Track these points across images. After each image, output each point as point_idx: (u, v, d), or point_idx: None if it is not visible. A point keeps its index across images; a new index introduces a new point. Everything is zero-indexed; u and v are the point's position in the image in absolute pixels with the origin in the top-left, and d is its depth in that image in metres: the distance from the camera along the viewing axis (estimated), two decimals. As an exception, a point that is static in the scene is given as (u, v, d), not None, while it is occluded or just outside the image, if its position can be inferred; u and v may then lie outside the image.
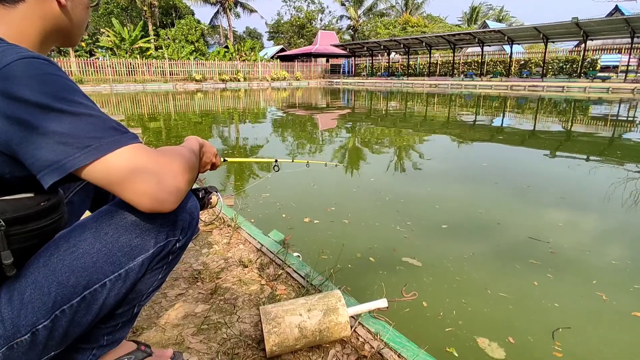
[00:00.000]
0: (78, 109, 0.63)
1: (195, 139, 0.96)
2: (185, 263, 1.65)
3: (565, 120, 8.98)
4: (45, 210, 0.69)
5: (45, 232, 0.72)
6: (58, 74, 0.63)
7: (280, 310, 1.12)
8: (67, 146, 0.61)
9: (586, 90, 17.22)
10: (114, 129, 0.66)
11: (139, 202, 0.66)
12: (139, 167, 0.64)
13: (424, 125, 8.54)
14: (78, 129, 0.62)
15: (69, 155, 0.61)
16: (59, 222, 0.74)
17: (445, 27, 40.17)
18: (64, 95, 0.62)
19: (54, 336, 0.71)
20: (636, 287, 1.98)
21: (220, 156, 1.13)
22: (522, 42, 24.77)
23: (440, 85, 23.20)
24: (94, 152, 0.62)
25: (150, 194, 0.66)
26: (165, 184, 0.67)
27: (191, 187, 0.79)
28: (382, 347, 1.12)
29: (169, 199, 0.68)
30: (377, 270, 2.13)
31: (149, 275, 0.82)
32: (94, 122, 0.64)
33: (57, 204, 0.73)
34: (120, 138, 0.65)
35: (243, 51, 30.37)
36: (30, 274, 0.69)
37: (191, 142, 0.93)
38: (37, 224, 0.69)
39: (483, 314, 1.76)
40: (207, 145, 1.03)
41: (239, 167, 4.71)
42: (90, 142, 0.62)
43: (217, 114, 10.92)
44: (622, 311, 1.80)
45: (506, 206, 3.31)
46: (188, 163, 0.75)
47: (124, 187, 0.64)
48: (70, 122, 0.61)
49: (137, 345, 1.01)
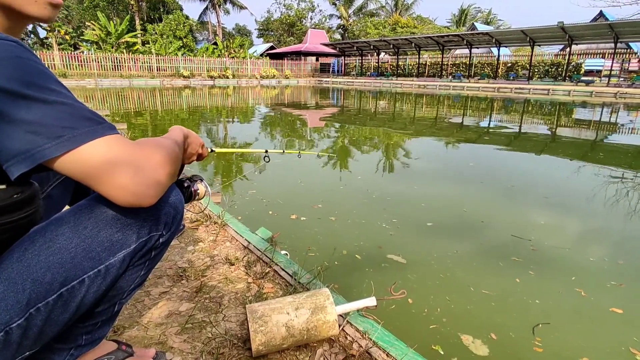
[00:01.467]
0: (50, 97, 0.59)
1: (179, 129, 0.93)
2: (169, 260, 1.61)
3: (550, 123, 9.13)
4: (18, 202, 0.65)
5: (19, 226, 0.67)
6: (29, 58, 0.59)
7: (267, 308, 1.09)
8: (37, 136, 0.57)
9: (571, 94, 17.55)
10: (89, 119, 0.62)
11: (116, 197, 0.63)
12: (115, 159, 0.61)
13: (412, 125, 8.58)
14: (49, 118, 0.58)
15: (38, 145, 0.57)
16: (33, 215, 0.70)
17: (434, 28, 40.50)
18: (35, 81, 0.58)
19: (28, 335, 0.68)
20: (613, 284, 2.03)
21: (207, 147, 1.11)
22: (509, 45, 25.13)
23: (428, 85, 23.38)
24: (67, 143, 0.58)
25: (127, 188, 0.62)
26: (144, 177, 0.64)
27: (174, 180, 0.76)
28: (371, 346, 1.10)
29: (148, 193, 0.65)
30: (364, 268, 2.12)
31: (131, 272, 0.79)
32: (67, 111, 0.60)
33: (31, 196, 0.68)
34: (96, 129, 0.61)
35: (232, 48, 30.10)
36: (3, 270, 0.65)
37: (175, 132, 0.90)
38: (10, 217, 0.64)
39: (466, 311, 1.78)
40: (193, 136, 1.00)
41: (227, 163, 4.65)
42: (62, 132, 0.58)
43: (205, 110, 10.80)
44: (600, 307, 1.85)
45: (490, 205, 3.35)
46: (170, 155, 0.71)
47: (100, 180, 0.61)
48: (41, 110, 0.57)
49: (117, 345, 0.98)
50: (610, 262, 2.29)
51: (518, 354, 1.52)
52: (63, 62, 22.02)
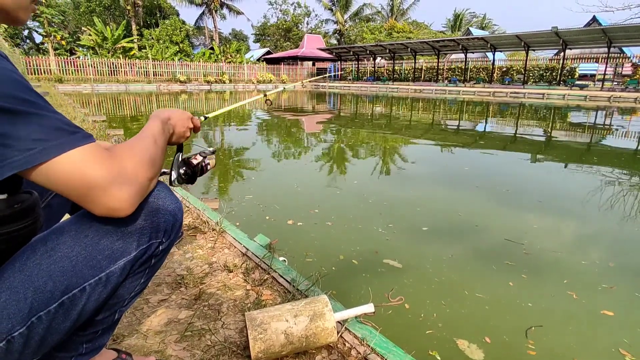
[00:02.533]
0: (20, 107, 0.57)
1: (157, 116, 0.88)
2: (168, 268, 1.61)
3: (545, 127, 9.21)
4: (18, 213, 0.66)
5: (20, 235, 0.68)
6: (4, 67, 0.57)
7: (266, 316, 1.10)
8: (6, 148, 0.56)
9: (565, 98, 17.71)
10: (62, 130, 0.61)
11: (92, 209, 0.64)
12: (86, 172, 0.61)
13: (408, 130, 8.62)
14: (19, 130, 0.57)
15: (6, 158, 0.56)
16: (33, 225, 0.71)
17: (430, 33, 40.81)
18: (8, 91, 0.56)
19: (30, 344, 0.68)
20: (604, 287, 2.06)
21: (199, 117, 1.07)
22: (504, 50, 25.35)
23: (424, 90, 23.50)
24: (38, 155, 0.58)
25: (100, 200, 0.63)
26: (118, 187, 0.64)
27: (155, 179, 0.75)
28: (369, 353, 1.11)
29: (123, 205, 0.65)
30: (361, 273, 2.14)
31: (131, 280, 0.80)
32: (39, 122, 0.58)
33: (32, 206, 0.69)
34: (68, 139, 0.60)
35: (229, 53, 30.17)
36: (5, 279, 0.65)
37: (153, 123, 0.85)
38: (10, 227, 0.65)
39: (461, 315, 1.80)
40: (176, 115, 0.94)
41: (223, 169, 4.66)
42: (33, 145, 0.57)
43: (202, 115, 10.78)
44: (592, 309, 1.88)
45: (485, 209, 3.38)
46: (144, 158, 0.71)
47: (74, 193, 0.61)
48: (11, 122, 0.56)
49: (117, 354, 0.98)
50: (602, 265, 2.32)
51: (512, 358, 1.54)
52: (59, 67, 21.97)
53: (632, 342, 1.62)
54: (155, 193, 0.78)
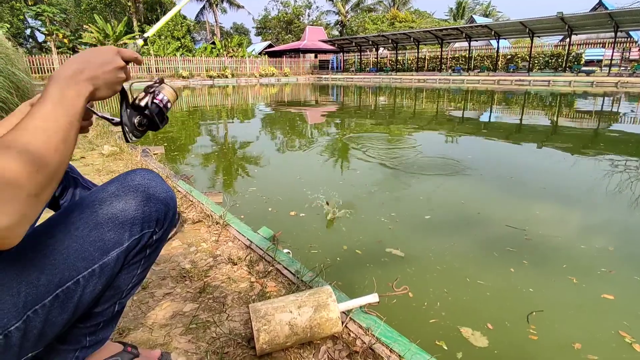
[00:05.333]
0: None
1: (59, 76, 0.62)
2: (172, 262, 1.62)
3: (551, 114, 9.10)
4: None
5: None
6: None
7: (270, 307, 1.10)
8: None
9: (571, 84, 17.48)
10: None
11: None
12: None
13: (411, 120, 8.57)
14: None
15: None
16: None
17: (432, 22, 40.32)
18: None
19: (28, 337, 0.68)
20: (603, 271, 2.06)
21: (134, 42, 0.82)
22: (509, 37, 25.01)
23: (428, 80, 23.31)
24: None
25: None
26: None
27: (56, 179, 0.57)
28: (374, 342, 1.11)
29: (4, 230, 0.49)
30: (364, 263, 2.14)
31: (127, 271, 0.79)
32: None
33: None
34: None
35: (230, 47, 30.05)
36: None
37: (49, 91, 0.60)
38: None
39: (464, 303, 1.81)
40: (92, 62, 0.66)
41: (227, 163, 4.66)
42: None
43: (206, 110, 10.80)
44: (592, 293, 1.88)
45: (488, 196, 3.37)
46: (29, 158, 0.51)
47: None
48: None
49: (123, 347, 0.99)
50: (601, 250, 2.32)
51: (515, 343, 1.55)
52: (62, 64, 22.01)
53: (632, 324, 1.62)
54: (145, 182, 0.76)
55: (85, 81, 0.64)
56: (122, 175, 0.77)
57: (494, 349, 1.49)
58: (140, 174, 0.78)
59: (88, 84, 0.64)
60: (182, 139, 6.32)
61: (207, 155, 5.14)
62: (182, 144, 5.86)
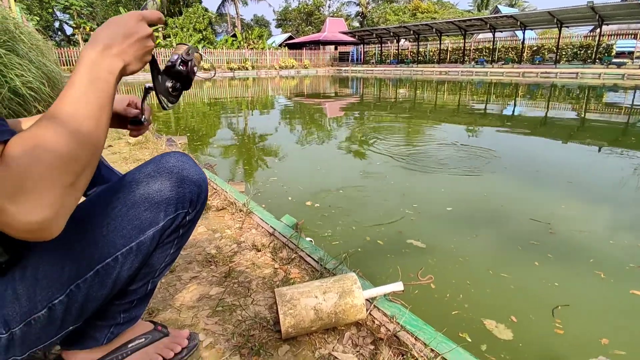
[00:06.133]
0: None
1: (90, 50, 0.58)
2: (198, 247, 1.65)
3: (578, 107, 8.80)
4: None
5: None
6: None
7: (295, 292, 1.11)
8: None
9: (601, 77, 16.81)
10: None
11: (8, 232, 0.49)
12: None
13: (433, 113, 8.43)
14: None
15: None
16: None
17: (455, 12, 39.42)
18: None
19: (70, 311, 0.71)
20: (632, 266, 2.00)
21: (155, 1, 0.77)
22: (535, 28, 24.19)
23: (450, 72, 22.85)
24: None
25: (12, 226, 0.48)
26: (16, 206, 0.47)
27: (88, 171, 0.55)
28: (399, 330, 1.11)
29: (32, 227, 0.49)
30: (386, 254, 2.14)
31: (161, 250, 0.82)
32: None
33: None
34: None
35: (251, 39, 30.17)
36: (42, 250, 0.68)
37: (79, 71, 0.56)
38: None
39: (486, 295, 1.79)
40: (118, 34, 0.60)
41: (248, 153, 4.70)
42: None
43: (226, 102, 10.90)
44: (620, 289, 1.83)
45: (512, 190, 3.31)
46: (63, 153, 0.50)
47: None
48: None
49: (154, 326, 1.02)
50: (630, 245, 2.25)
51: (540, 337, 1.52)
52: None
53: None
54: (179, 164, 0.78)
55: (115, 57, 0.59)
56: (158, 157, 0.79)
57: (519, 342, 1.47)
58: (175, 156, 0.80)
59: (118, 60, 0.59)
60: (203, 130, 6.40)
61: (229, 145, 5.20)
62: (204, 135, 5.95)
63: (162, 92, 0.76)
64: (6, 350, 0.67)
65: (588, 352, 1.44)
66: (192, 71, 0.78)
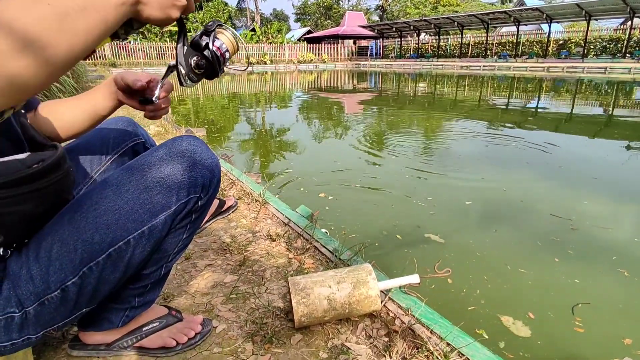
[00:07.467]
0: None
1: None
2: (213, 235, 1.66)
3: (606, 104, 8.49)
4: (38, 173, 0.60)
5: (48, 193, 0.64)
6: None
7: (309, 281, 1.10)
8: None
9: (631, 72, 16.15)
10: None
11: None
12: None
13: (452, 108, 8.27)
14: None
15: None
16: (62, 181, 0.66)
17: (478, 5, 38.49)
18: None
19: (83, 293, 0.72)
20: None
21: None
22: (562, 21, 23.40)
23: (472, 66, 22.37)
24: None
25: None
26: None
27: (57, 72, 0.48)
28: (414, 323, 1.08)
29: None
30: (402, 247, 2.11)
31: (173, 234, 0.82)
32: None
33: (55, 163, 0.63)
34: None
35: (270, 33, 30.21)
36: (55, 232, 0.69)
37: None
38: (32, 186, 0.60)
39: (503, 291, 1.75)
40: None
41: (265, 146, 4.71)
42: None
43: (245, 96, 10.97)
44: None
45: (532, 185, 3.21)
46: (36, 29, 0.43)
47: None
48: None
49: (168, 310, 1.03)
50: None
51: (559, 335, 1.47)
52: (112, 52, 23.03)
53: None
54: (192, 148, 0.77)
55: None
56: (170, 140, 0.79)
57: (537, 340, 1.43)
58: (187, 140, 0.79)
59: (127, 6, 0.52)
60: (222, 122, 6.46)
61: (246, 138, 5.23)
62: (222, 127, 5.99)
63: (184, 65, 0.70)
64: (20, 328, 0.68)
65: (610, 352, 1.39)
66: (222, 62, 0.73)
